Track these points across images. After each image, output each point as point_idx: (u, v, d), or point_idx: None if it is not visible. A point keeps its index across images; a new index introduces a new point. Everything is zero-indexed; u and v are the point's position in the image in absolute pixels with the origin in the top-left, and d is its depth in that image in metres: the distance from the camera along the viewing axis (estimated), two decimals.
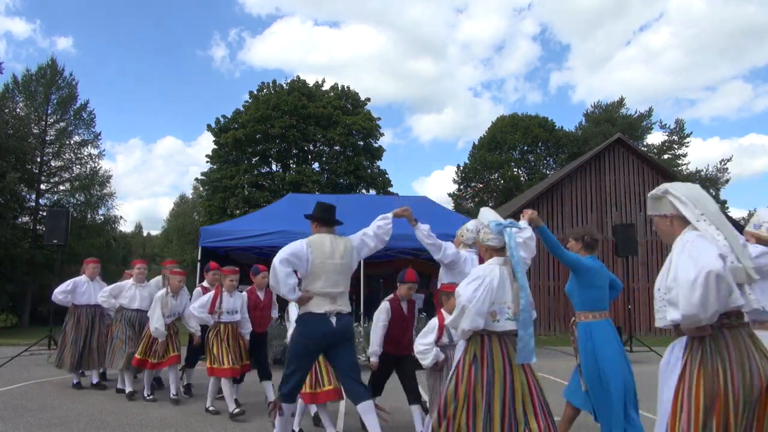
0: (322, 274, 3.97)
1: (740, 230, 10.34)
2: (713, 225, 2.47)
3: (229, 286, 5.72)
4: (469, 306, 2.97)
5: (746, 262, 2.31)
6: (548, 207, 18.34)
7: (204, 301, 5.69)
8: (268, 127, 29.82)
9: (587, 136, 38.67)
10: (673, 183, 2.71)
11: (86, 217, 26.81)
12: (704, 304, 2.09)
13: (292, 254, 3.90)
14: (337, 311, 3.96)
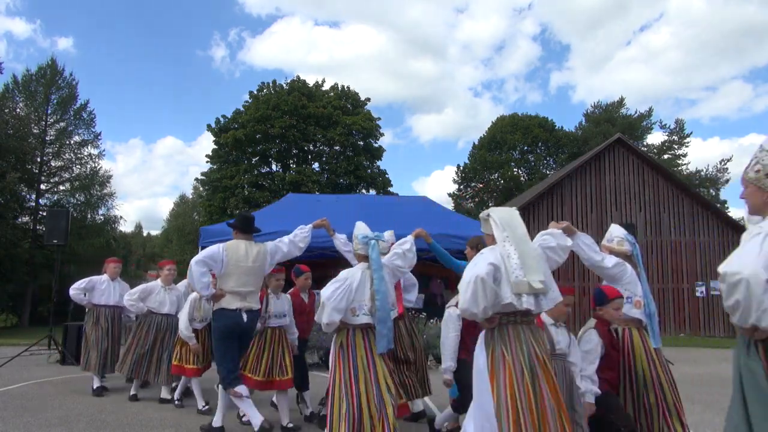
0: (234, 275, 4.56)
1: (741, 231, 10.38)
2: (513, 245, 3.05)
3: (276, 286, 5.09)
4: (328, 302, 3.51)
5: (531, 277, 2.88)
6: (548, 207, 18.34)
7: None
8: (268, 127, 29.83)
9: (587, 136, 38.67)
10: (496, 208, 3.35)
11: (86, 217, 26.81)
12: (475, 301, 2.73)
13: (207, 256, 4.50)
14: (247, 308, 4.60)
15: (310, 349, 8.74)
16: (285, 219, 10.46)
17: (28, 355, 10.07)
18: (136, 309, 6.28)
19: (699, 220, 18.58)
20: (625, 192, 18.64)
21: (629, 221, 17.45)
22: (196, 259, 4.49)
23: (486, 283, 2.75)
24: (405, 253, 3.92)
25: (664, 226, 18.45)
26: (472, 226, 11.88)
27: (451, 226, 10.73)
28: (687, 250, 18.18)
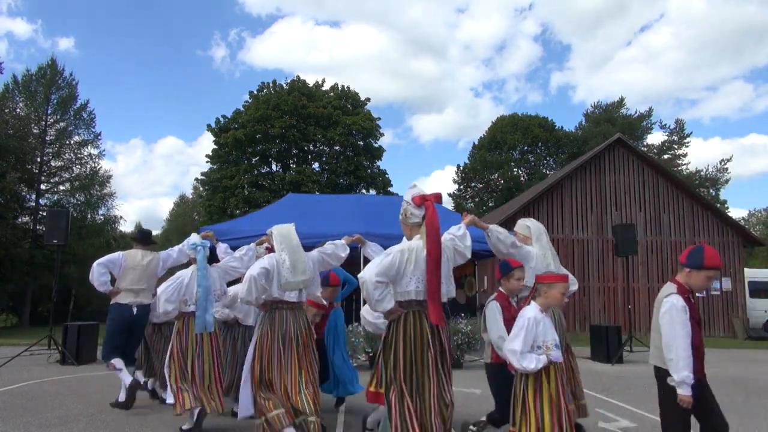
0: (129, 276, 5.61)
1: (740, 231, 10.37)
2: (287, 254, 4.06)
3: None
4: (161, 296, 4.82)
5: (297, 278, 4.03)
6: (548, 207, 18.34)
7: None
8: (268, 127, 29.83)
9: (587, 136, 38.67)
10: (277, 226, 4.30)
11: (86, 217, 26.80)
12: (249, 292, 3.88)
13: (108, 260, 5.60)
14: (138, 303, 5.61)
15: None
16: (285, 219, 10.45)
17: (28, 355, 10.07)
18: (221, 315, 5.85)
19: (699, 220, 18.57)
20: (625, 192, 18.64)
21: (629, 221, 17.45)
22: (97, 262, 5.54)
23: (257, 280, 3.86)
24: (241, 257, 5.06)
25: (664, 226, 18.44)
26: (472, 227, 11.87)
27: (450, 226, 10.73)
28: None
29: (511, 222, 17.77)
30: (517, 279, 3.86)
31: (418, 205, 3.38)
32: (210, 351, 4.75)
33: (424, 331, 3.22)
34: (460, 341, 9.24)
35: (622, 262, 14.25)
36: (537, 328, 3.29)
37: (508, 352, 3.28)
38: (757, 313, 18.51)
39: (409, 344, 3.20)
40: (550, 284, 3.43)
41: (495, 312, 3.75)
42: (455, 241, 3.51)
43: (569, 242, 18.00)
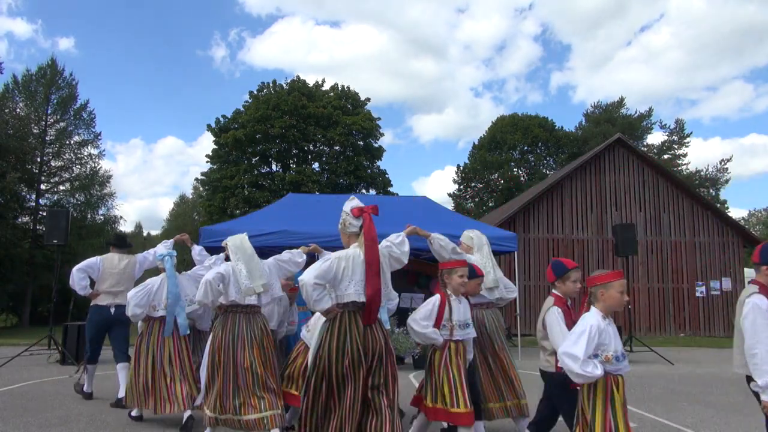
0: (107, 279, 5.98)
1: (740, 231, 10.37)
2: (242, 262, 4.35)
3: (458, 284, 3.95)
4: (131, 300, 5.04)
5: (255, 283, 4.29)
6: (548, 207, 18.33)
7: (428, 310, 3.91)
8: (268, 127, 29.82)
9: (587, 136, 38.67)
10: (231, 237, 4.58)
11: (86, 217, 26.80)
12: (206, 296, 4.21)
13: (86, 265, 5.92)
14: (116, 304, 5.93)
15: None
16: (285, 219, 10.45)
17: (28, 355, 10.07)
18: None
19: (699, 220, 18.57)
20: (625, 192, 18.63)
21: (629, 221, 17.44)
22: (77, 267, 5.88)
23: (212, 285, 4.19)
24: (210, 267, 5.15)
25: (664, 226, 18.44)
26: (472, 227, 11.87)
27: (451, 226, 10.71)
28: (687, 250, 18.18)
29: (511, 222, 17.80)
30: (573, 281, 3.60)
31: (356, 216, 3.67)
32: (172, 353, 4.97)
33: (357, 330, 3.37)
34: None
35: (622, 262, 14.23)
36: (599, 338, 2.94)
37: (566, 357, 2.89)
38: None
39: (342, 343, 3.36)
40: (606, 284, 3.07)
41: (558, 319, 3.41)
42: (391, 248, 3.69)
43: (569, 242, 18.01)
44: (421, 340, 3.93)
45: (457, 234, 10.46)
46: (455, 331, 3.86)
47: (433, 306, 3.91)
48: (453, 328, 3.85)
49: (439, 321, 3.85)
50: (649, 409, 5.95)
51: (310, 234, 9.34)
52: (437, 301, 3.91)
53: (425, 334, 3.83)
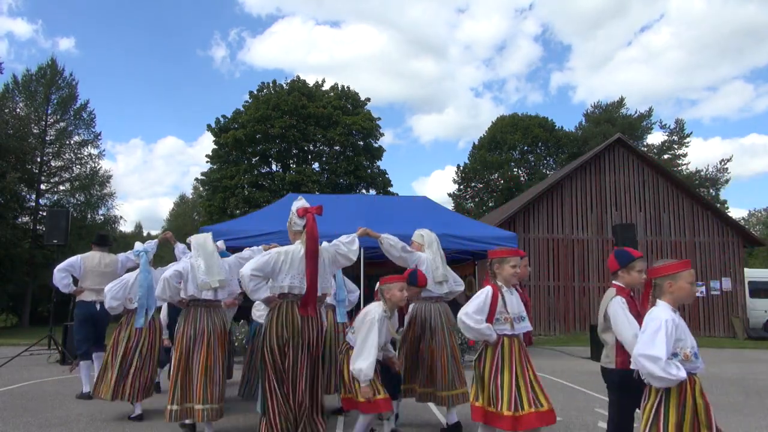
0: (90, 277, 6.29)
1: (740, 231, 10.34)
2: (202, 258, 4.63)
3: (511, 275, 3.68)
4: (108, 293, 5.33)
5: (212, 279, 4.57)
6: (548, 207, 18.33)
7: (479, 303, 3.60)
8: (268, 127, 29.82)
9: (587, 136, 38.67)
10: (194, 236, 4.89)
11: (86, 217, 26.80)
12: (164, 292, 4.54)
13: (67, 264, 6.23)
14: (100, 300, 5.99)
15: None
16: (285, 219, 10.44)
17: (28, 355, 10.07)
18: None
19: (699, 220, 18.57)
20: (625, 192, 18.63)
21: (629, 221, 17.44)
22: (57, 268, 6.19)
23: (170, 282, 4.47)
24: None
25: (664, 226, 18.44)
26: (472, 226, 11.88)
27: (451, 226, 10.74)
28: (687, 250, 18.17)
29: (511, 222, 17.80)
30: (638, 271, 3.34)
31: (301, 216, 3.92)
32: (147, 345, 5.30)
33: (295, 319, 3.68)
34: (460, 341, 9.20)
35: None
36: (676, 333, 2.68)
37: (644, 359, 2.61)
38: (757, 313, 18.52)
39: (281, 330, 3.66)
40: (675, 275, 2.82)
41: (622, 308, 3.18)
42: (339, 247, 4.03)
43: (569, 242, 18.00)
44: (473, 336, 3.57)
45: (456, 234, 10.52)
46: (515, 324, 3.62)
47: (485, 298, 3.59)
48: (512, 321, 3.60)
49: (491, 315, 3.56)
50: None
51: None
52: (489, 293, 3.61)
53: (479, 330, 3.51)
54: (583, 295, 17.69)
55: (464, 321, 3.52)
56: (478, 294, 3.63)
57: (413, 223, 10.73)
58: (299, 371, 3.63)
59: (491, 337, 3.54)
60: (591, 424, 5.18)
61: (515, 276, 3.70)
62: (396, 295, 4.02)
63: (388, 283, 4.08)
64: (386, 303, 4.06)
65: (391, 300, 4.04)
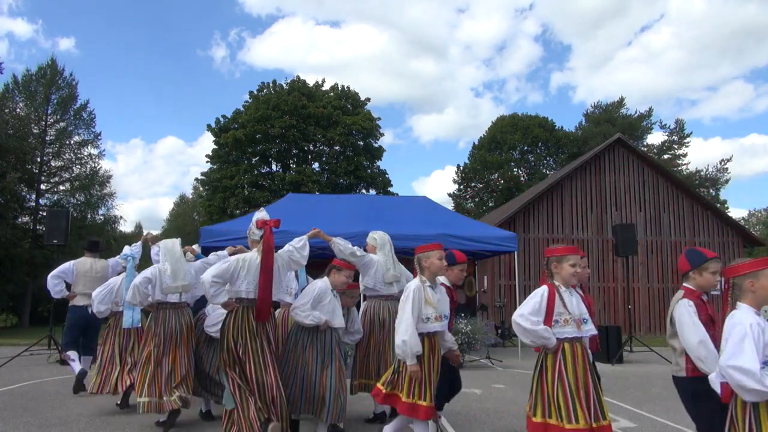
0: (81, 282, 6.62)
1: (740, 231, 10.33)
2: (169, 263, 4.85)
3: (570, 274, 3.34)
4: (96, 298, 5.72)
5: (177, 283, 4.82)
6: (548, 207, 18.34)
7: (535, 303, 3.26)
8: (268, 127, 29.82)
9: (587, 136, 38.67)
10: (163, 241, 5.13)
11: (86, 217, 26.80)
12: (134, 297, 4.80)
13: (60, 271, 6.55)
14: (90, 303, 6.13)
15: None
16: (285, 219, 10.45)
17: (28, 355, 10.07)
18: None
19: (699, 220, 18.57)
20: (625, 192, 18.64)
21: (629, 221, 17.44)
22: (51, 274, 6.51)
23: (139, 288, 4.73)
24: None
25: (664, 226, 18.44)
26: (472, 226, 11.88)
27: (451, 226, 10.73)
28: None
29: (511, 222, 17.80)
30: (712, 272, 3.11)
31: (259, 227, 4.21)
32: (132, 345, 5.63)
33: (250, 322, 3.99)
34: (461, 341, 9.20)
35: (622, 262, 14.24)
36: (764, 337, 2.43)
37: (735, 371, 2.36)
38: None
39: (237, 332, 3.98)
40: (757, 273, 2.59)
41: (690, 312, 2.98)
42: (292, 252, 4.32)
43: (569, 242, 17.99)
44: (530, 339, 3.21)
45: (457, 234, 10.51)
46: (581, 326, 3.27)
47: (541, 299, 3.24)
48: (578, 323, 3.25)
49: (549, 317, 3.21)
50: (649, 409, 5.96)
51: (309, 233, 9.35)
52: (545, 293, 3.26)
53: (537, 333, 3.16)
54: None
55: (519, 323, 3.18)
56: (533, 294, 3.31)
57: (413, 223, 10.76)
58: (257, 368, 3.91)
59: (550, 341, 3.18)
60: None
61: (575, 276, 3.35)
62: (435, 264, 3.82)
63: (426, 251, 3.87)
64: (424, 272, 3.85)
65: (429, 269, 3.83)
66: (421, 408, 3.57)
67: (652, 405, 6.19)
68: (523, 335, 3.21)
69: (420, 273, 3.87)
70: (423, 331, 3.65)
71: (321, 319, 4.27)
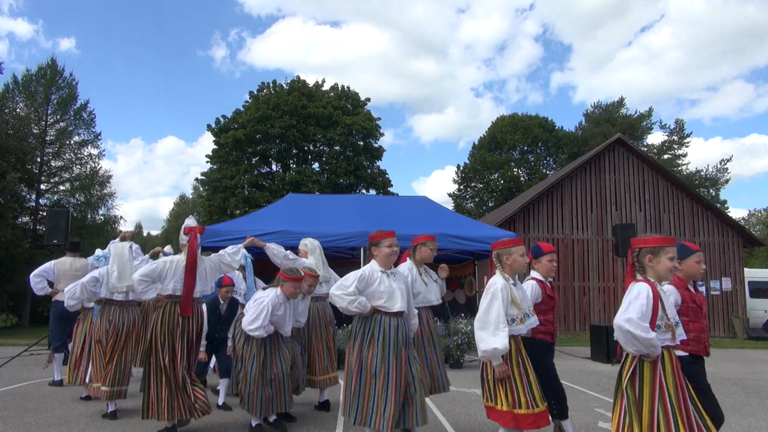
0: (63, 279, 6.98)
1: (740, 231, 10.38)
2: (116, 265, 5.37)
3: (668, 269, 2.88)
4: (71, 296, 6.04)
5: (121, 284, 5.35)
6: (548, 207, 18.34)
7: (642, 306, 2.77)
8: (268, 127, 29.81)
9: (587, 136, 38.66)
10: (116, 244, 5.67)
11: (86, 217, 26.77)
12: (82, 294, 5.69)
13: (41, 270, 6.99)
14: None
15: None
16: (285, 219, 10.45)
17: (28, 355, 10.07)
18: None
19: (699, 220, 18.58)
20: (625, 192, 18.64)
21: (629, 221, 17.44)
22: (33, 274, 6.94)
23: (86, 286, 5.55)
24: None
25: (664, 226, 18.44)
26: (472, 226, 11.87)
27: (451, 226, 10.73)
28: None
29: (511, 222, 17.80)
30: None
31: (186, 233, 4.64)
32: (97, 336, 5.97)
33: (176, 317, 4.50)
34: (460, 341, 9.20)
35: (622, 262, 14.24)
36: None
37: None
38: (757, 313, 18.52)
39: (165, 327, 4.47)
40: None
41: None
42: (223, 257, 4.83)
43: (569, 242, 18.00)
44: (636, 349, 2.74)
45: (457, 234, 10.51)
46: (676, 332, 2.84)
47: (647, 300, 2.76)
48: (674, 330, 2.81)
49: (653, 322, 2.75)
50: None
51: (310, 234, 9.33)
52: (649, 292, 2.76)
53: (649, 341, 2.70)
54: (583, 295, 17.69)
55: (629, 330, 2.69)
56: (636, 295, 2.80)
57: (413, 223, 10.74)
58: (178, 357, 4.46)
59: (656, 351, 2.75)
60: (591, 424, 5.18)
61: (672, 271, 2.90)
62: (518, 261, 3.54)
63: (507, 248, 3.59)
64: (505, 269, 3.56)
65: (512, 267, 3.55)
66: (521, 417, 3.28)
67: None
68: (631, 344, 2.74)
69: (501, 270, 3.58)
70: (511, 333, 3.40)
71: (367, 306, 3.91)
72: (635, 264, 2.95)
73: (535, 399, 3.35)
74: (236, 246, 4.99)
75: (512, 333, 3.42)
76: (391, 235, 4.09)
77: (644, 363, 2.78)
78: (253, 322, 4.51)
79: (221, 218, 27.04)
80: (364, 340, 3.85)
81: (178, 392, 4.42)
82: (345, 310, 3.86)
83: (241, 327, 4.69)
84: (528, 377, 3.40)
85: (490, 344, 3.28)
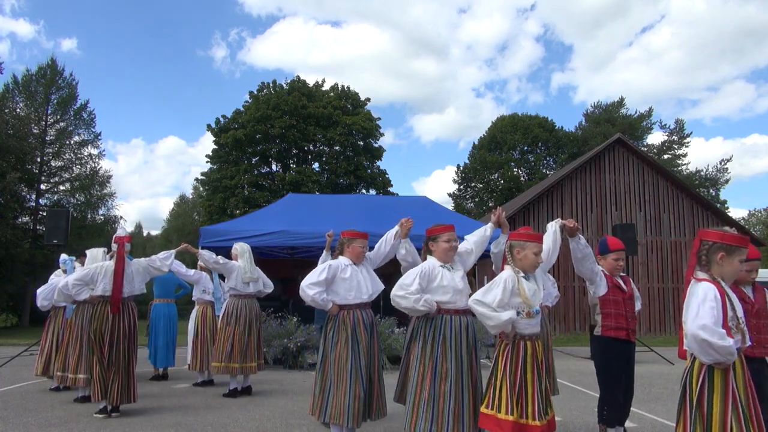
0: None
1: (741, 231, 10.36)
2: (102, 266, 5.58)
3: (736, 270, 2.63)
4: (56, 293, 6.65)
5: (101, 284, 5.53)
6: (548, 207, 18.34)
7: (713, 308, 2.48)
8: (268, 127, 29.82)
9: (587, 136, 38.66)
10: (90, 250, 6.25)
11: (86, 217, 26.80)
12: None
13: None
14: None
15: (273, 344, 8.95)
16: (285, 219, 10.45)
17: (28, 355, 10.07)
18: None
19: (699, 220, 18.56)
20: (625, 192, 18.64)
21: (629, 221, 17.43)
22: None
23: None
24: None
25: (664, 226, 18.44)
26: (473, 226, 11.87)
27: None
28: (687, 250, 18.16)
29: (511, 222, 17.77)
30: None
31: (116, 243, 5.43)
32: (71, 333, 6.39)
33: (106, 315, 5.25)
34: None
35: None
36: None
37: None
38: None
39: (96, 324, 5.26)
40: None
41: None
42: (154, 261, 5.65)
43: (569, 242, 17.99)
44: (711, 357, 2.46)
45: (457, 234, 10.45)
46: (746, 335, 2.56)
47: (715, 302, 2.46)
48: (744, 332, 2.54)
49: (725, 324, 2.47)
50: (650, 409, 5.96)
51: (310, 234, 9.34)
52: (716, 293, 2.47)
53: (728, 349, 2.42)
54: (583, 295, 17.68)
55: (705, 338, 2.40)
56: (703, 297, 2.49)
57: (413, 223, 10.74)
58: (114, 347, 5.20)
59: (733, 358, 2.48)
60: (591, 423, 5.18)
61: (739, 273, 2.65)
62: (530, 258, 3.34)
63: (522, 241, 3.40)
64: (516, 263, 3.37)
65: (522, 262, 3.35)
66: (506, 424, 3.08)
67: (652, 405, 6.19)
68: (706, 353, 2.45)
69: (512, 263, 3.40)
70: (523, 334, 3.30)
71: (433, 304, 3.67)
72: (701, 258, 2.63)
73: (544, 408, 3.19)
74: (168, 252, 5.82)
75: (525, 333, 3.26)
76: (450, 229, 3.88)
77: (714, 371, 2.49)
78: (309, 278, 4.11)
79: (221, 218, 27.04)
80: (435, 342, 3.56)
81: (117, 377, 5.19)
82: (411, 310, 3.57)
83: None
84: (540, 385, 3.22)
85: (501, 318, 3.18)
